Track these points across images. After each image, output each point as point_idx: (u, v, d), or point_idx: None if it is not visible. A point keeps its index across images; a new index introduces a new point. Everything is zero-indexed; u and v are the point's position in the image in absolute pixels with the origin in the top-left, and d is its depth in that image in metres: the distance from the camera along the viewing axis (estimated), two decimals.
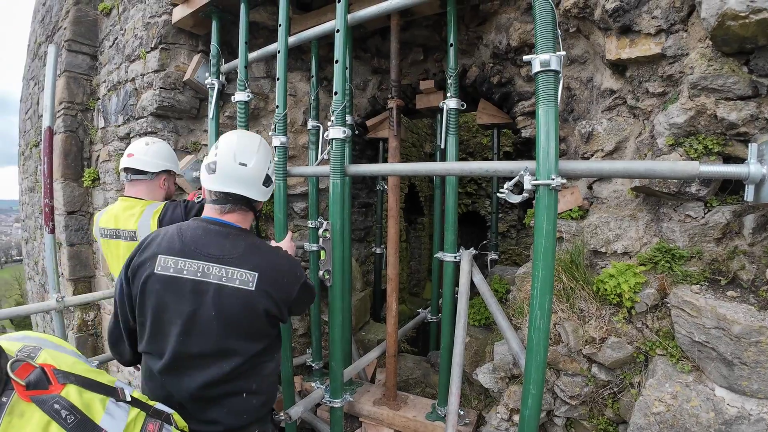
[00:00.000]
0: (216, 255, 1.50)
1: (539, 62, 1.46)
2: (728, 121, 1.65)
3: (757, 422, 1.52)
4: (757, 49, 1.60)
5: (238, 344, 1.51)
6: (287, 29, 2.55)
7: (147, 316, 1.50)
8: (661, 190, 1.77)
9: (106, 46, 4.54)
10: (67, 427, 0.87)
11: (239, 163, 1.57)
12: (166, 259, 1.49)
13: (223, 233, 1.56)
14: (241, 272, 1.49)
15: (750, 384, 1.54)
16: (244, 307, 1.49)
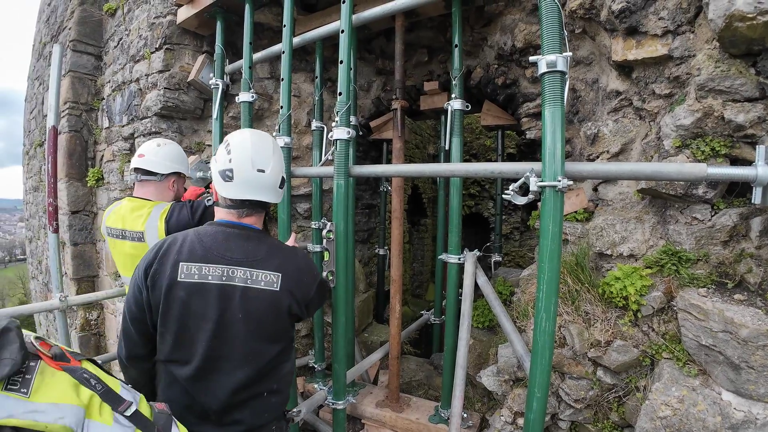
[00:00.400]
0: (239, 258, 1.50)
1: (545, 63, 1.45)
2: (735, 123, 1.64)
3: (763, 426, 1.51)
4: (765, 51, 1.59)
5: (263, 346, 1.53)
6: (292, 30, 2.55)
7: (171, 325, 1.48)
8: (668, 192, 1.76)
9: (110, 46, 4.56)
10: (97, 392, 0.95)
11: (257, 170, 1.55)
12: (189, 266, 1.48)
13: (244, 236, 1.56)
14: (265, 273, 1.50)
15: (757, 388, 1.52)
16: (270, 308, 1.50)
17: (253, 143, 1.59)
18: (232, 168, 1.54)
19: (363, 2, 2.82)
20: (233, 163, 1.54)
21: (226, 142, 1.60)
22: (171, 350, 1.50)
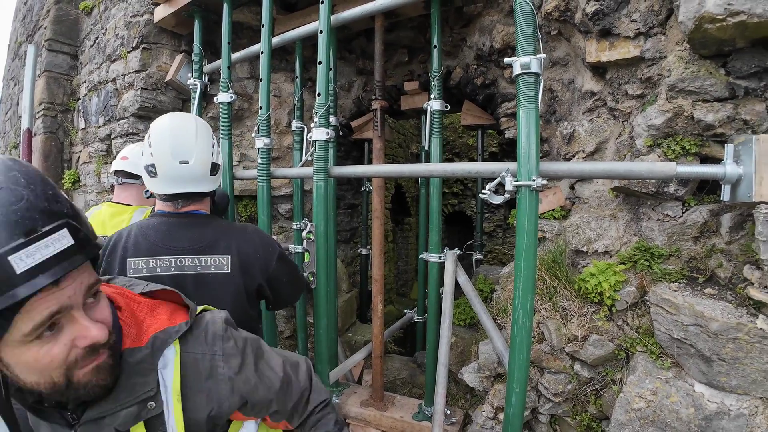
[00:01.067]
0: (185, 247, 1.49)
1: (520, 65, 1.47)
2: (705, 123, 1.69)
3: (737, 418, 1.55)
4: (735, 52, 1.63)
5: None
6: (270, 30, 2.54)
7: None
8: (640, 190, 1.81)
9: (87, 45, 4.47)
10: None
11: (180, 162, 1.47)
12: (137, 261, 1.46)
13: (187, 224, 1.53)
14: (214, 258, 1.50)
15: (729, 380, 1.57)
16: (224, 291, 1.50)
17: (172, 131, 1.50)
18: (153, 162, 1.48)
19: (342, 2, 2.82)
20: (154, 157, 1.48)
21: (148, 131, 1.53)
22: None
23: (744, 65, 1.63)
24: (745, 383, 1.54)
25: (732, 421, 1.56)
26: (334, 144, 2.70)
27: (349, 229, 4.75)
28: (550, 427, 2.12)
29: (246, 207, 3.65)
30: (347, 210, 4.70)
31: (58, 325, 0.69)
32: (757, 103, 1.64)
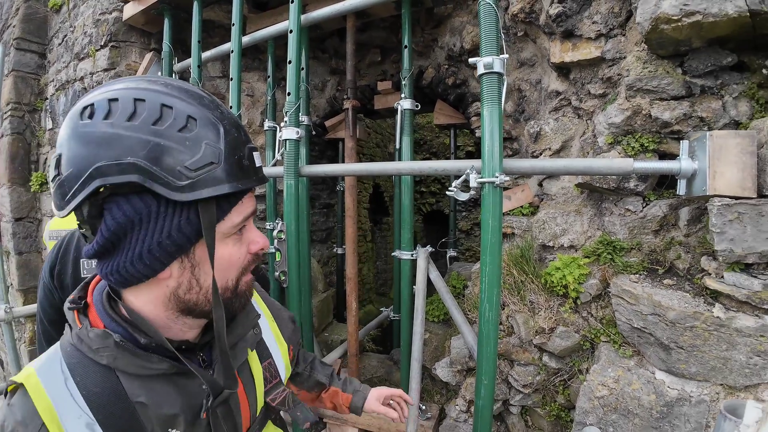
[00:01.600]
0: None
1: (483, 65, 1.51)
2: (662, 120, 1.75)
3: (698, 404, 1.60)
4: (692, 51, 1.69)
5: None
6: (241, 29, 2.52)
7: None
8: (602, 186, 1.87)
9: (55, 43, 4.36)
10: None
11: None
12: (90, 262, 1.44)
13: None
14: None
15: (688, 367, 1.62)
16: None
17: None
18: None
19: (314, 2, 2.83)
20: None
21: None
22: None
23: (700, 64, 1.69)
24: (705, 370, 1.60)
25: (693, 407, 1.61)
26: (306, 143, 2.70)
27: (324, 229, 4.75)
28: (521, 418, 2.17)
29: None
30: (323, 210, 4.69)
31: (241, 229, 0.73)
32: (713, 101, 1.71)
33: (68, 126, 0.63)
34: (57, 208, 0.65)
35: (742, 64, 1.66)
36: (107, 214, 0.62)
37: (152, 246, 0.64)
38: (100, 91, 0.64)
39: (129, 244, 0.64)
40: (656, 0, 1.58)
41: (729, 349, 1.55)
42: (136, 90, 0.63)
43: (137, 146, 0.60)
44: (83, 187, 0.60)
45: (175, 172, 0.61)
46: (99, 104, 0.62)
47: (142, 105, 0.62)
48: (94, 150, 0.60)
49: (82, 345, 0.68)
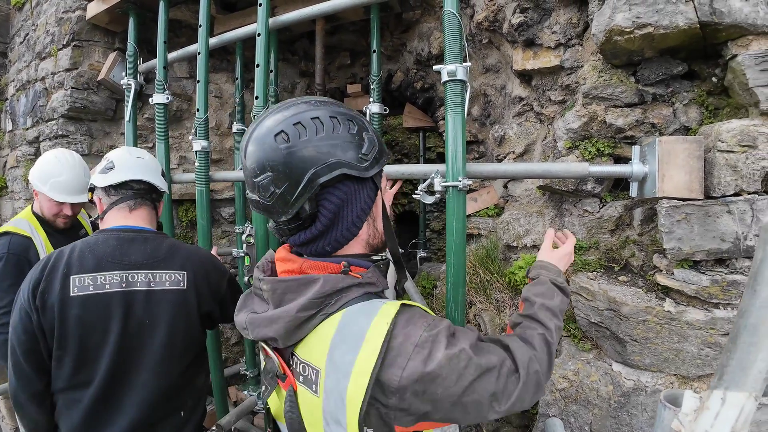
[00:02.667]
0: (139, 261, 1.43)
1: (447, 72, 1.56)
2: (616, 126, 1.84)
3: (654, 393, 1.68)
4: (644, 61, 1.77)
5: (175, 355, 1.45)
6: (208, 30, 2.50)
7: (70, 346, 1.34)
8: (561, 188, 1.95)
9: (16, 42, 4.20)
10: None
11: (136, 157, 1.58)
12: (82, 279, 1.36)
13: (141, 238, 1.47)
14: (170, 273, 1.45)
15: (642, 359, 1.72)
16: (179, 309, 1.45)
17: (128, 148, 1.68)
18: (111, 160, 1.53)
19: (283, 5, 2.83)
20: (113, 157, 1.55)
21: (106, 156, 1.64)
22: (71, 375, 1.36)
23: (652, 73, 1.78)
24: (658, 361, 1.69)
25: (649, 396, 1.70)
26: None
27: None
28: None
29: (186, 211, 3.56)
30: None
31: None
32: (664, 108, 1.80)
33: (268, 150, 0.83)
34: (279, 215, 0.86)
35: (693, 73, 1.76)
36: (325, 203, 0.86)
37: (358, 214, 0.90)
38: (280, 117, 0.85)
39: (343, 218, 0.89)
40: (610, 13, 1.66)
41: (681, 341, 1.64)
42: (307, 111, 0.85)
43: (333, 149, 0.83)
44: (305, 191, 0.82)
45: (358, 159, 0.86)
46: (289, 129, 0.83)
47: (318, 121, 0.84)
48: (303, 163, 0.81)
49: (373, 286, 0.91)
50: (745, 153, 1.50)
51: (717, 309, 1.59)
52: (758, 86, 1.50)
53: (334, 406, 0.79)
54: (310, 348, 0.85)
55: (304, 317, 0.83)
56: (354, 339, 0.79)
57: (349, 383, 0.76)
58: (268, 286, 0.89)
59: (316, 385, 0.82)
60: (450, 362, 0.77)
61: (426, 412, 0.79)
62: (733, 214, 1.52)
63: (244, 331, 0.94)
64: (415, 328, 0.80)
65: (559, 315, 1.14)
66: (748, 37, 1.52)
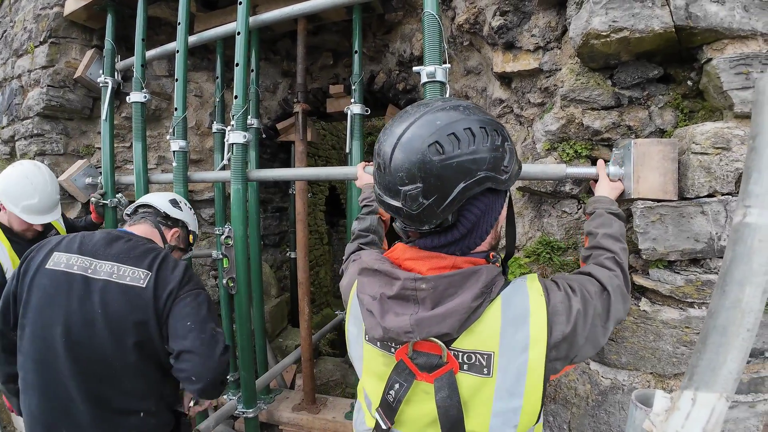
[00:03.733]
0: (111, 253, 1.50)
1: (426, 74, 1.56)
2: (593, 129, 1.87)
3: (630, 391, 1.70)
4: (620, 64, 1.80)
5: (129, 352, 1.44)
6: (187, 28, 2.46)
7: (29, 314, 1.43)
8: (540, 189, 1.97)
9: None
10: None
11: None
12: (60, 255, 1.48)
13: (125, 238, 1.59)
14: (134, 270, 1.47)
15: (619, 358, 1.74)
16: (133, 307, 1.43)
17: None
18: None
19: (265, 3, 2.80)
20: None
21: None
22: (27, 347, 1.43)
23: (628, 77, 1.80)
24: (635, 360, 1.71)
25: (626, 395, 1.72)
26: (255, 146, 2.66)
27: (277, 233, 4.69)
28: None
29: None
30: (275, 213, 4.63)
31: None
32: (640, 111, 1.83)
33: (421, 160, 0.82)
34: (422, 224, 0.88)
35: (668, 76, 1.79)
36: (467, 214, 0.90)
37: (491, 223, 0.95)
38: (432, 125, 0.84)
39: (479, 227, 0.93)
40: (587, 17, 1.68)
41: (656, 340, 1.66)
42: (459, 121, 0.85)
43: (482, 163, 0.84)
44: (453, 204, 0.85)
45: (500, 171, 0.88)
46: (443, 140, 0.82)
47: (470, 132, 0.84)
48: (456, 176, 0.83)
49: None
50: (718, 155, 1.52)
51: (692, 308, 1.62)
52: (732, 89, 1.53)
53: (513, 380, 0.88)
54: (478, 336, 0.90)
55: (475, 306, 0.88)
56: (521, 318, 0.89)
57: (529, 354, 0.87)
58: (429, 284, 0.89)
59: (488, 368, 0.89)
60: (582, 310, 0.93)
61: (569, 355, 0.93)
62: (707, 215, 1.54)
63: (404, 335, 0.90)
64: (554, 293, 0.94)
65: (620, 238, 1.26)
66: (724, 41, 1.55)
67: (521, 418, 0.89)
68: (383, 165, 0.88)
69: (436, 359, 0.92)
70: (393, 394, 0.95)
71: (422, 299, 0.90)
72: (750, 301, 0.70)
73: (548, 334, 0.88)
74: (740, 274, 0.71)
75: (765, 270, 0.69)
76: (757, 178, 0.71)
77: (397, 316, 0.91)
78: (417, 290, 0.90)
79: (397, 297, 0.92)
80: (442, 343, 0.90)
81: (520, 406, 0.88)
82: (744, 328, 0.70)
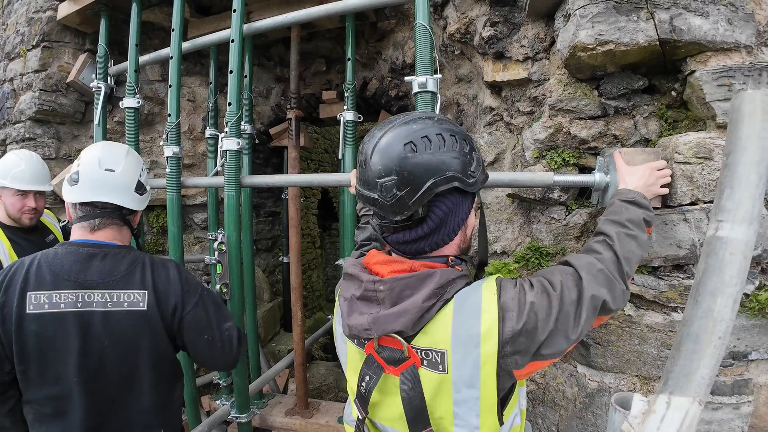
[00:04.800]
0: (95, 280, 1.37)
1: (417, 84, 1.59)
2: (580, 138, 1.91)
3: (616, 393, 1.76)
4: (606, 76, 1.84)
5: (142, 375, 1.42)
6: (181, 34, 2.47)
7: (31, 361, 1.34)
8: (529, 196, 2.01)
9: None
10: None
11: (105, 169, 1.43)
12: (38, 296, 1.34)
13: (99, 255, 1.41)
14: (128, 293, 1.39)
15: (605, 361, 1.78)
16: (141, 330, 1.39)
17: (103, 147, 1.50)
18: (78, 171, 1.43)
19: (259, 11, 2.83)
20: (80, 167, 1.43)
21: (80, 154, 1.50)
22: (39, 388, 1.36)
23: (614, 88, 1.85)
24: (621, 363, 1.75)
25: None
26: (248, 152, 2.68)
27: (270, 238, 4.69)
28: None
29: (157, 217, 3.49)
30: (268, 218, 4.64)
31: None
32: (625, 120, 1.88)
33: (397, 156, 0.92)
34: (394, 215, 0.95)
35: (653, 87, 1.83)
36: (435, 209, 0.98)
37: (458, 223, 1.02)
38: (408, 129, 0.95)
39: (447, 224, 1.00)
40: (574, 29, 1.72)
41: (641, 343, 1.71)
42: (431, 127, 0.96)
43: (450, 164, 0.94)
44: (423, 197, 0.93)
45: (467, 175, 0.97)
46: (417, 141, 0.93)
47: (440, 137, 0.94)
48: (426, 172, 0.92)
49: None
50: (701, 164, 1.57)
51: (675, 312, 1.67)
52: (715, 101, 1.58)
53: (468, 374, 0.94)
54: (431, 335, 0.97)
55: (427, 306, 0.95)
56: (473, 314, 0.95)
57: (481, 349, 0.92)
58: (386, 286, 0.98)
59: (443, 365, 0.95)
60: (539, 303, 0.97)
61: (530, 349, 0.95)
62: (689, 223, 1.59)
63: (364, 332, 1.00)
64: (506, 291, 0.98)
65: (625, 223, 1.24)
66: (707, 53, 1.60)
67: (481, 406, 0.96)
68: (364, 161, 0.98)
69: (398, 353, 0.99)
70: (364, 386, 1.03)
71: (382, 299, 0.99)
72: (722, 310, 0.74)
73: (499, 330, 0.93)
74: (712, 285, 0.75)
75: (736, 281, 0.73)
76: (730, 194, 0.75)
77: (360, 315, 1.01)
78: (377, 291, 0.99)
79: (361, 298, 1.02)
80: (402, 339, 0.97)
81: (478, 396, 0.95)
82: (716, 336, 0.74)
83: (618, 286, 1.06)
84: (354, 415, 1.12)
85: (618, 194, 1.41)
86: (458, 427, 0.97)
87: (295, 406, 3.11)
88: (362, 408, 1.05)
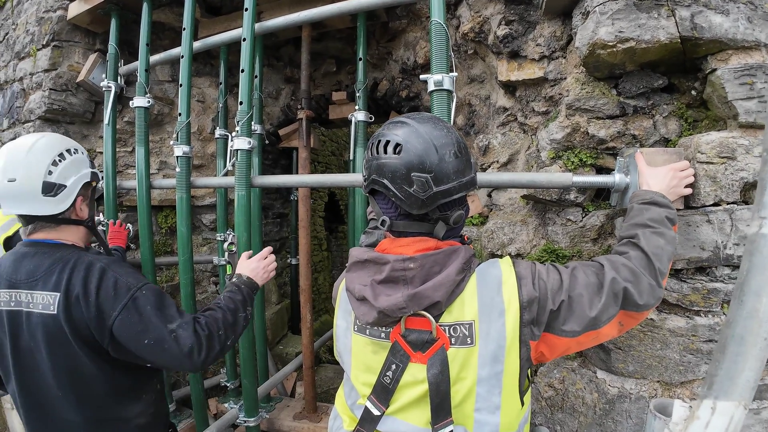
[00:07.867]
0: (21, 280, 1.34)
1: (433, 82, 1.56)
2: (598, 138, 1.87)
3: (638, 400, 1.70)
4: (625, 74, 1.81)
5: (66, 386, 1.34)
6: (192, 33, 2.47)
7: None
8: (545, 197, 1.97)
9: None
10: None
11: (8, 180, 1.33)
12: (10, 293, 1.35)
13: (30, 253, 1.38)
14: (42, 295, 1.31)
15: (626, 366, 1.73)
16: (52, 337, 1.31)
17: (8, 150, 1.38)
18: None
19: (269, 10, 2.82)
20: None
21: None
22: (6, 381, 1.40)
23: (633, 86, 1.81)
24: (642, 368, 1.71)
25: (633, 403, 1.71)
26: (258, 152, 2.66)
27: (278, 239, 4.67)
28: None
29: (166, 218, 3.48)
30: (276, 219, 4.62)
31: None
32: (644, 120, 1.84)
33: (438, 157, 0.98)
34: (417, 209, 1.00)
35: (673, 86, 1.80)
36: (455, 208, 1.08)
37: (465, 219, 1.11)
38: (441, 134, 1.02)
39: (460, 225, 1.11)
40: (593, 27, 1.69)
41: (663, 348, 1.66)
42: (455, 135, 1.06)
43: (470, 169, 1.08)
44: (448, 195, 1.01)
45: (474, 182, 1.11)
46: (454, 148, 1.02)
47: (463, 146, 1.06)
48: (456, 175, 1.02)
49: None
50: (724, 164, 1.53)
51: (698, 316, 1.62)
52: (737, 99, 1.54)
53: (494, 345, 0.96)
54: (458, 309, 1.00)
55: (459, 279, 0.99)
56: (495, 286, 1.00)
57: (506, 317, 0.96)
58: (417, 263, 1.00)
59: (471, 337, 0.98)
60: (546, 272, 1.04)
61: (541, 319, 0.99)
62: (712, 224, 1.55)
63: (398, 311, 1.00)
64: (520, 264, 1.06)
65: (649, 223, 1.24)
66: (728, 51, 1.57)
67: (504, 382, 0.97)
68: (392, 148, 1.00)
69: (426, 335, 1.00)
70: (390, 375, 1.02)
71: (411, 279, 1.00)
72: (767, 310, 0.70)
73: (519, 296, 0.98)
74: (757, 284, 0.71)
75: None
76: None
77: (388, 297, 1.01)
78: (406, 270, 1.00)
79: (386, 281, 1.02)
80: (432, 318, 0.99)
81: (502, 370, 0.97)
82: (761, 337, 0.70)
83: (644, 279, 1.06)
84: (348, 428, 1.11)
85: (635, 197, 1.39)
86: (479, 412, 0.97)
87: (303, 410, 3.08)
88: (382, 402, 1.03)
